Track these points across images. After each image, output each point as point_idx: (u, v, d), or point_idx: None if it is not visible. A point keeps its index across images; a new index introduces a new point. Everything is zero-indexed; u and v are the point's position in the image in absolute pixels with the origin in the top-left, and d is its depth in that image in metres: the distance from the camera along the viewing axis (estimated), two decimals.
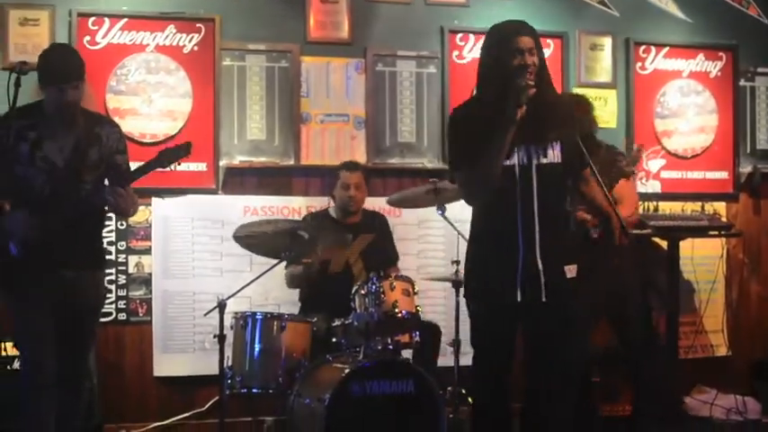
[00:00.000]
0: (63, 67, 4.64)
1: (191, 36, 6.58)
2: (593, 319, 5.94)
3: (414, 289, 5.64)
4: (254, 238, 5.74)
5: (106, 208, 4.86)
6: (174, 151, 4.81)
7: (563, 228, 4.39)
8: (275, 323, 5.61)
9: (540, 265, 4.18)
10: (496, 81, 4.19)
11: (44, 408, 4.69)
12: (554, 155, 4.24)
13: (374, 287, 5.49)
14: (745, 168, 7.67)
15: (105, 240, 6.08)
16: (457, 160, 4.35)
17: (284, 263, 5.97)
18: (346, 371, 5.13)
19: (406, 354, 5.78)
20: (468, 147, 4.21)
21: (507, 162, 4.17)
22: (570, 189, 4.58)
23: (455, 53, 7.01)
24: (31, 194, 4.63)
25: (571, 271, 4.29)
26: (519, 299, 4.19)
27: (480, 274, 4.35)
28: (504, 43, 4.20)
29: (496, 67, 4.21)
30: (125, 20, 6.46)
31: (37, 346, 4.67)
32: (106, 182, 4.80)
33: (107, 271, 6.15)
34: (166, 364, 6.49)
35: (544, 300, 4.20)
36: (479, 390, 4.51)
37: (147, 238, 6.49)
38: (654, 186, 7.35)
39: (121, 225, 6.44)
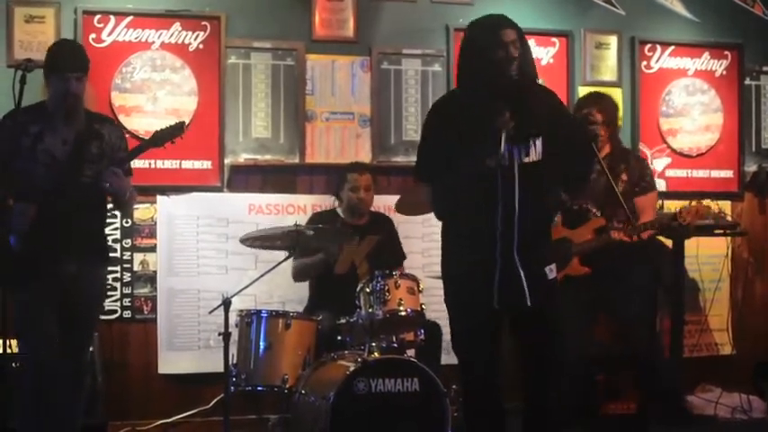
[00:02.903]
0: (68, 56, 4.75)
1: (196, 34, 6.58)
2: (591, 316, 5.97)
3: (419, 287, 5.65)
4: (259, 240, 5.77)
5: (109, 205, 4.93)
6: (167, 131, 4.85)
7: (544, 228, 4.32)
8: (280, 321, 5.62)
9: (521, 270, 4.11)
10: (480, 74, 4.14)
11: (45, 409, 4.67)
12: (536, 152, 4.16)
13: (379, 285, 5.49)
14: (750, 167, 7.67)
15: (110, 238, 6.10)
16: (430, 165, 4.28)
17: (289, 261, 5.97)
18: (351, 369, 5.13)
19: (411, 352, 5.79)
20: (445, 150, 4.15)
21: (489, 163, 4.08)
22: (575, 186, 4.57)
23: None
24: (32, 188, 4.65)
25: (552, 271, 4.26)
26: (496, 305, 4.13)
27: (456, 281, 4.28)
28: (488, 36, 4.14)
29: (480, 60, 4.14)
30: (130, 17, 6.47)
31: (41, 345, 4.67)
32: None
33: (111, 268, 6.18)
34: (171, 362, 6.49)
35: (529, 304, 4.12)
36: (469, 398, 4.41)
37: (152, 235, 6.49)
38: (659, 185, 7.30)
39: (126, 223, 6.44)
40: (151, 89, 6.50)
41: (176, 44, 6.56)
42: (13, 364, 5.54)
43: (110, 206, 5.06)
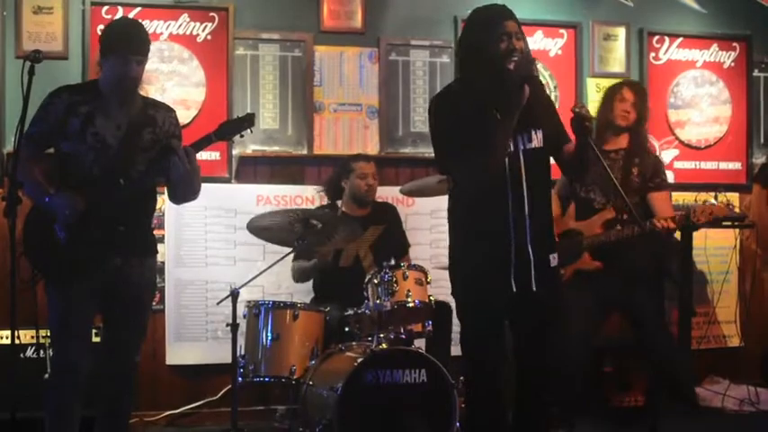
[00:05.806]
0: (131, 37, 4.45)
1: (204, 25, 6.59)
2: (602, 311, 5.95)
3: (427, 278, 5.64)
4: (267, 229, 5.75)
5: (158, 190, 4.72)
6: (235, 123, 4.66)
7: (548, 215, 4.33)
8: (288, 312, 5.62)
9: (531, 254, 4.14)
10: (483, 66, 4.13)
11: (72, 411, 4.49)
12: (537, 140, 4.20)
13: (387, 276, 5.48)
14: (759, 159, 7.66)
15: None
16: (453, 154, 4.20)
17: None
18: (359, 360, 5.13)
19: (419, 343, 5.79)
20: (465, 139, 4.11)
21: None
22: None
23: None
24: (79, 173, 4.42)
25: (554, 259, 4.27)
26: (514, 289, 4.15)
27: (470, 267, 4.26)
28: (490, 27, 4.12)
29: (482, 52, 4.13)
30: (138, 8, 6.47)
31: (72, 344, 4.44)
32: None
33: None
34: (179, 353, 6.51)
35: (534, 289, 4.16)
36: (477, 391, 4.41)
37: (160, 226, 6.47)
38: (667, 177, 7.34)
39: None
40: (159, 80, 6.50)
41: (184, 35, 6.56)
42: (21, 355, 5.57)
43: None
